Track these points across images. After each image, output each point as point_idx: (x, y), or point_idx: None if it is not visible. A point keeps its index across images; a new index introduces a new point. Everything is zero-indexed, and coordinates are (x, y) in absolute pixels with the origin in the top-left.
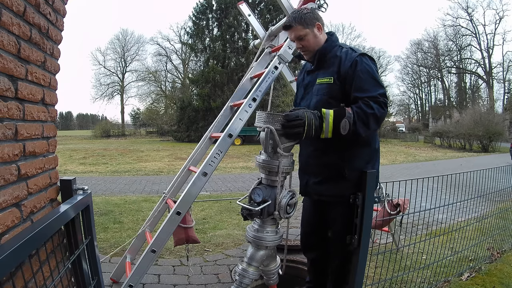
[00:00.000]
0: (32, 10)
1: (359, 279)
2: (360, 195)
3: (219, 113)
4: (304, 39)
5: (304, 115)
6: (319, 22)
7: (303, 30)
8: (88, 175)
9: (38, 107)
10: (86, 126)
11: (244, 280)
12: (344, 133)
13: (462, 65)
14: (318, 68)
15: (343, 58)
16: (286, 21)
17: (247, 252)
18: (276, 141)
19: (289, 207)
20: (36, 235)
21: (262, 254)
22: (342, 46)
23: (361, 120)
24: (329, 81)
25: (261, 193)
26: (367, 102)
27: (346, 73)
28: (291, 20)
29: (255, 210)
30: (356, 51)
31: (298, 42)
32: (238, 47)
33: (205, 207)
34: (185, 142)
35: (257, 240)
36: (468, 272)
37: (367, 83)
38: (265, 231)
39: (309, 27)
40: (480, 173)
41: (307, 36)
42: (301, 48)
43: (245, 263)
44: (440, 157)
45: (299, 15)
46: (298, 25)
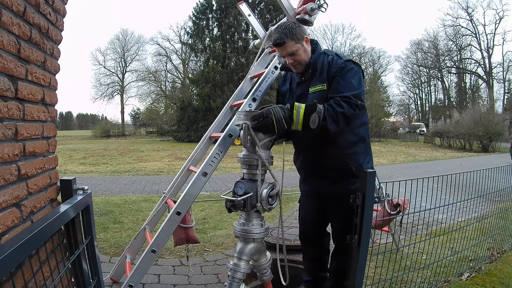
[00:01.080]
0: (32, 10)
1: (359, 279)
2: (360, 195)
3: (219, 113)
4: (296, 54)
5: (270, 111)
6: (306, 35)
7: (295, 46)
8: (88, 175)
9: (38, 107)
10: (86, 126)
11: (236, 274)
12: (313, 127)
13: (462, 65)
14: (309, 78)
15: (331, 65)
16: (277, 37)
17: (237, 247)
18: (253, 136)
19: (271, 199)
20: (36, 235)
21: (251, 247)
22: (327, 53)
23: (331, 116)
24: (322, 87)
25: (243, 186)
26: (338, 101)
27: (332, 77)
28: (283, 36)
29: (238, 200)
30: (341, 57)
31: (290, 58)
32: (238, 47)
33: (205, 207)
34: (185, 142)
35: (244, 233)
36: (468, 272)
37: (343, 86)
38: (251, 224)
39: (300, 42)
40: (480, 173)
41: (299, 51)
42: (292, 63)
43: (235, 258)
44: (440, 157)
45: (289, 30)
46: (290, 41)
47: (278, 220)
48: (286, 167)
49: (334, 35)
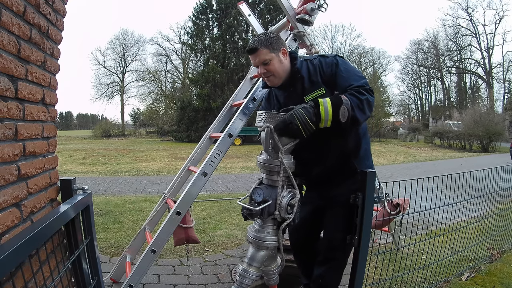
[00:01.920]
0: (32, 10)
1: (359, 279)
2: (360, 195)
3: (219, 113)
4: (269, 64)
5: (292, 116)
6: (284, 47)
7: (269, 54)
8: (88, 175)
9: (38, 107)
10: (86, 126)
11: (245, 280)
12: (344, 120)
13: (462, 65)
14: (298, 89)
15: (321, 66)
16: (251, 44)
17: (248, 252)
18: (276, 141)
19: (290, 207)
20: (36, 235)
21: (262, 254)
22: (308, 59)
23: (357, 105)
24: (321, 92)
25: (261, 193)
26: (358, 90)
27: (330, 77)
28: (256, 43)
29: (255, 210)
30: (328, 55)
31: (263, 67)
32: (238, 47)
33: (205, 207)
34: (185, 142)
35: (258, 240)
36: (468, 272)
37: (349, 78)
38: (266, 232)
39: (275, 52)
40: (480, 173)
41: (273, 61)
42: (265, 73)
43: (245, 264)
44: (440, 157)
45: (265, 38)
46: (264, 49)
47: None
48: None
49: (334, 35)
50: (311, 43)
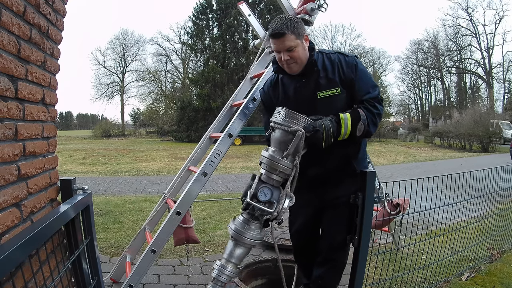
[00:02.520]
0: (32, 10)
1: (359, 279)
2: (360, 195)
3: (219, 113)
4: (294, 51)
5: (321, 125)
6: (306, 34)
7: (295, 41)
8: (88, 175)
9: (38, 107)
10: (86, 126)
11: (221, 277)
12: (359, 134)
13: (462, 65)
14: (311, 81)
15: (341, 65)
16: (276, 27)
17: (226, 247)
18: (301, 146)
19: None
20: (36, 235)
21: (241, 251)
22: (324, 52)
23: (371, 120)
24: (336, 92)
25: (269, 194)
26: (372, 103)
27: (349, 79)
28: (283, 27)
29: (270, 212)
30: (347, 54)
31: (286, 54)
32: (238, 47)
33: (205, 207)
34: (185, 142)
35: (238, 234)
36: (468, 272)
37: (366, 85)
38: (250, 228)
39: (300, 38)
40: (480, 173)
41: (298, 47)
42: (288, 60)
43: (223, 259)
44: (440, 157)
45: (291, 23)
46: (291, 34)
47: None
48: None
49: (334, 35)
50: None
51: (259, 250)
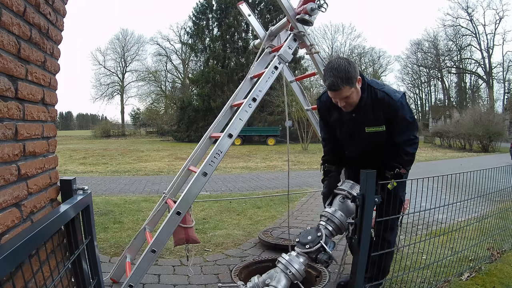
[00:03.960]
0: (32, 10)
1: (359, 279)
2: (360, 195)
3: (219, 113)
4: (349, 98)
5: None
6: (358, 75)
7: (350, 90)
8: (88, 175)
9: (38, 107)
10: (86, 126)
11: None
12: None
13: (462, 65)
14: (360, 115)
15: (386, 106)
16: (332, 82)
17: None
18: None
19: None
20: (36, 235)
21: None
22: (372, 86)
23: (408, 164)
24: (381, 129)
25: (332, 245)
26: (406, 151)
27: (390, 119)
28: (339, 82)
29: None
30: (392, 96)
31: (343, 101)
32: (238, 47)
33: (205, 207)
34: (185, 142)
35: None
36: (468, 272)
37: (404, 128)
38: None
39: (354, 85)
40: (480, 173)
41: (352, 94)
42: (344, 105)
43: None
44: (440, 157)
45: (345, 74)
46: (346, 86)
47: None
48: (286, 167)
49: (334, 35)
50: (311, 43)
51: (259, 250)
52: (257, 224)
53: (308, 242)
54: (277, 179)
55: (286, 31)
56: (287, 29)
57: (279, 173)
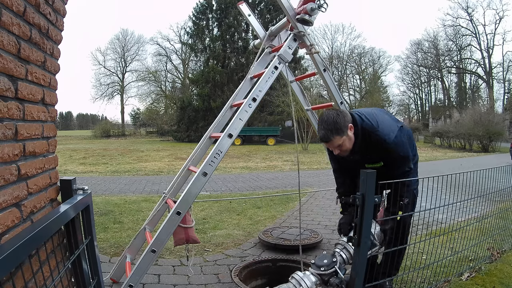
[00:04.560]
0: (32, 10)
1: (359, 279)
2: (360, 195)
3: (219, 113)
4: (342, 145)
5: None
6: (349, 123)
7: (341, 139)
8: (88, 175)
9: (38, 107)
10: (86, 126)
11: None
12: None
13: (462, 65)
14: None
15: (380, 147)
16: (323, 135)
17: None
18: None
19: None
20: (36, 235)
21: None
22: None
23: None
24: (380, 165)
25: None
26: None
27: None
28: (328, 133)
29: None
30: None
31: (337, 149)
32: (238, 47)
33: (205, 207)
34: (185, 142)
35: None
36: (468, 272)
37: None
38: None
39: (345, 133)
40: (480, 173)
41: (344, 142)
42: (339, 152)
43: None
44: (440, 157)
45: (334, 126)
46: (336, 136)
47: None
48: (287, 167)
49: (334, 35)
50: (311, 43)
51: (259, 250)
52: (257, 224)
53: (323, 265)
54: (277, 179)
55: (286, 31)
56: (287, 29)
57: (279, 173)
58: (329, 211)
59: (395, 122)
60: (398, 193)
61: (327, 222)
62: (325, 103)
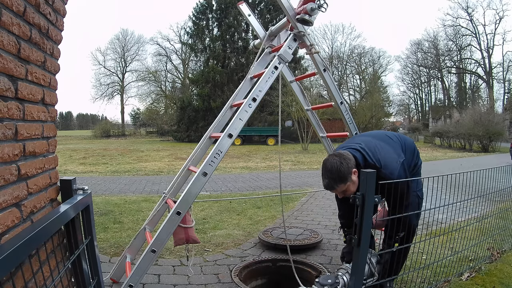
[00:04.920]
0: (32, 10)
1: (359, 279)
2: (360, 195)
3: (219, 113)
4: (346, 190)
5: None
6: (354, 168)
7: (345, 186)
8: (88, 175)
9: (38, 107)
10: (86, 126)
11: None
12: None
13: (462, 65)
14: None
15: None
16: (327, 184)
17: None
18: None
19: None
20: (36, 235)
21: None
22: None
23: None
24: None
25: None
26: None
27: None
28: (332, 182)
29: None
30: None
31: (341, 194)
32: (238, 47)
33: (205, 207)
34: (185, 142)
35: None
36: (468, 272)
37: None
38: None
39: (349, 179)
40: (480, 173)
41: (349, 187)
42: (343, 196)
43: None
44: (440, 157)
45: (337, 175)
46: (340, 184)
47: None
48: (287, 167)
49: (334, 35)
50: (311, 43)
51: (259, 250)
52: (257, 224)
53: (327, 284)
54: (277, 179)
55: (286, 31)
56: (287, 29)
57: (276, 173)
58: (329, 211)
59: (397, 157)
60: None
61: (327, 222)
62: (325, 103)
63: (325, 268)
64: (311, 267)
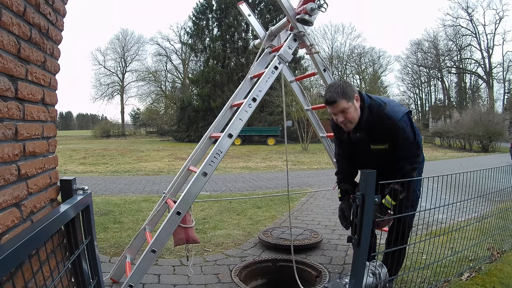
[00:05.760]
0: (32, 10)
1: (359, 279)
2: (360, 195)
3: (219, 113)
4: (347, 112)
5: None
6: (357, 94)
7: (347, 104)
8: (88, 175)
9: (38, 107)
10: (86, 126)
11: None
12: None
13: (462, 65)
14: (364, 134)
15: (386, 127)
16: (329, 96)
17: None
18: None
19: None
20: (36, 235)
21: None
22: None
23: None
24: (384, 147)
25: None
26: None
27: (393, 138)
28: (335, 95)
29: None
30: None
31: (341, 115)
32: (238, 47)
33: (205, 207)
34: (185, 142)
35: None
36: (468, 272)
37: (405, 146)
38: None
39: (351, 100)
40: (480, 173)
41: (350, 109)
42: (343, 120)
43: None
44: (440, 157)
45: (341, 89)
46: (342, 99)
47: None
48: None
49: (334, 35)
50: (311, 43)
51: (259, 250)
52: (257, 224)
53: None
54: (277, 179)
55: (286, 31)
56: (287, 29)
57: (279, 173)
58: (329, 211)
59: (403, 107)
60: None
61: (327, 222)
62: None
63: (325, 268)
64: (311, 267)
